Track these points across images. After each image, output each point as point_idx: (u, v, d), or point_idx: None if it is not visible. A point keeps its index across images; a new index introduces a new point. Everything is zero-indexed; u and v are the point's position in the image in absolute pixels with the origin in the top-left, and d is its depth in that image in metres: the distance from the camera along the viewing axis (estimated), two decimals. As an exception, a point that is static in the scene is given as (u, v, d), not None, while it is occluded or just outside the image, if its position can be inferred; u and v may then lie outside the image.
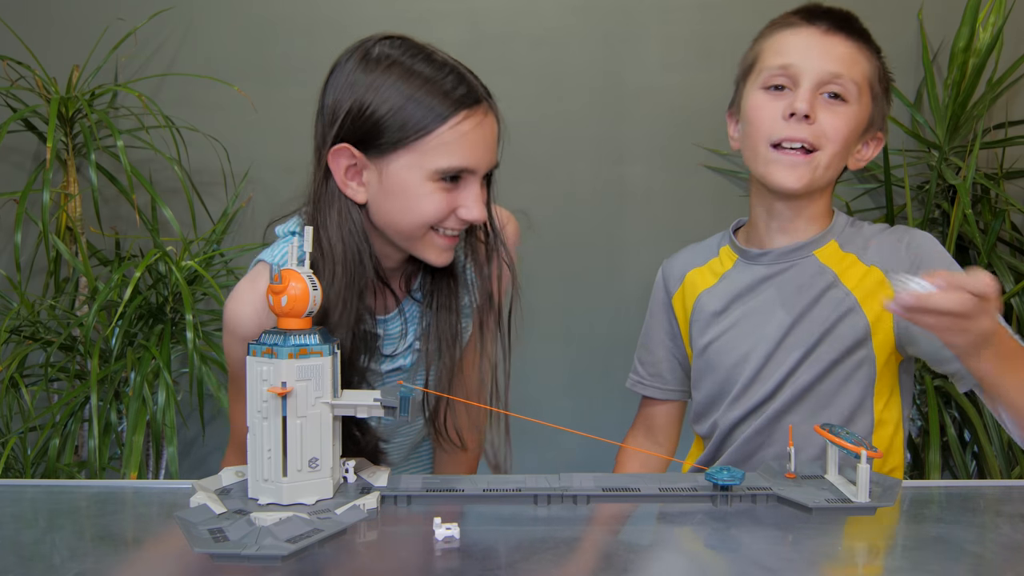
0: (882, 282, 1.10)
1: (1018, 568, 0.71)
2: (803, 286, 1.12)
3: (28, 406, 1.73)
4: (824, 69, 1.08)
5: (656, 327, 1.28)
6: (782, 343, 1.12)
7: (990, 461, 1.64)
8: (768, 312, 1.14)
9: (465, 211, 0.95)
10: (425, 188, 0.93)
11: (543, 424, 1.03)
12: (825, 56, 1.09)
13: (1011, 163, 1.92)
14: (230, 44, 1.99)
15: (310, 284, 0.82)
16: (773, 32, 1.15)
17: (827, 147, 1.08)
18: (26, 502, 0.90)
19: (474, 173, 0.95)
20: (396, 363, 1.05)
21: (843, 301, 1.10)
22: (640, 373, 1.30)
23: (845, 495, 0.85)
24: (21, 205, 1.74)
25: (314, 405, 0.81)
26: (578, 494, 0.86)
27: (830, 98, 1.09)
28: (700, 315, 1.20)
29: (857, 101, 1.10)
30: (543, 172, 1.96)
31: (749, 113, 1.13)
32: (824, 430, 0.90)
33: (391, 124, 0.91)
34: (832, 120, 1.08)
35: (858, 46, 1.11)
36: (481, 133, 0.94)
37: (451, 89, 0.92)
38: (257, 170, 1.99)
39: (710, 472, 0.87)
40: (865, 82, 1.11)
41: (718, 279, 1.20)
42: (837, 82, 1.08)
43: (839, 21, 1.11)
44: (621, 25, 1.96)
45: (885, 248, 1.12)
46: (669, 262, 1.29)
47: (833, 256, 1.13)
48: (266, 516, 0.77)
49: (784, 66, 1.10)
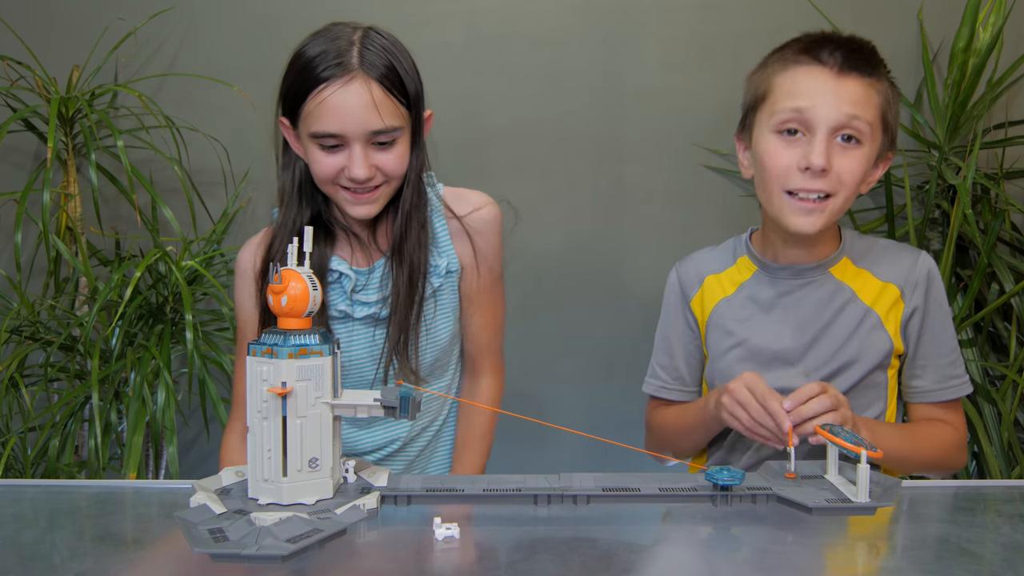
0: (898, 299, 1.15)
1: (1018, 568, 0.71)
2: (822, 302, 1.16)
3: (28, 406, 1.73)
4: (839, 113, 1.07)
5: (675, 331, 1.28)
6: (804, 358, 1.15)
7: (990, 461, 1.64)
8: (789, 326, 1.16)
9: (348, 170, 1.08)
10: (312, 152, 1.09)
11: (544, 424, 1.03)
12: (839, 99, 1.07)
13: (1011, 163, 1.92)
14: (230, 44, 1.99)
15: (310, 284, 0.82)
16: (785, 67, 1.12)
17: (842, 192, 1.09)
18: (26, 502, 0.90)
19: (344, 136, 1.06)
20: (370, 310, 1.16)
21: (865, 318, 1.14)
22: (662, 378, 1.29)
23: (845, 495, 0.85)
24: (21, 205, 1.74)
25: (314, 405, 0.81)
26: (578, 494, 0.86)
27: (844, 141, 1.08)
28: (719, 322, 1.21)
29: (870, 139, 1.09)
30: (543, 172, 1.96)
31: (763, 158, 1.12)
32: (824, 430, 0.90)
33: (288, 100, 1.10)
34: (848, 164, 1.08)
35: (870, 81, 1.09)
36: (342, 101, 1.04)
37: (319, 64, 1.05)
38: (257, 170, 1.99)
39: (710, 472, 0.87)
40: (878, 118, 1.10)
41: (736, 288, 1.21)
42: (852, 125, 1.07)
43: (851, 58, 1.08)
44: (621, 25, 1.96)
45: (902, 266, 1.16)
46: (684, 265, 1.28)
47: (847, 272, 1.17)
48: (266, 516, 0.77)
49: (797, 109, 1.08)
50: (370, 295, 1.17)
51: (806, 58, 1.10)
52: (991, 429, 1.70)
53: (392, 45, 1.09)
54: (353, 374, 1.18)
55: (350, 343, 1.17)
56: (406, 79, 1.09)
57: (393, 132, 1.08)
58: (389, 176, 1.10)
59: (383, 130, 1.07)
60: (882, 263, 1.17)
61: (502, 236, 1.23)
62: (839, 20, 1.87)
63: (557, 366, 2.01)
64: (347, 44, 1.06)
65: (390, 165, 1.09)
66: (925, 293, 1.16)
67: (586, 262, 1.99)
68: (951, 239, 1.69)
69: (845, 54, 1.08)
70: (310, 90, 1.05)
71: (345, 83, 1.04)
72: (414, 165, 1.14)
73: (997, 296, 1.80)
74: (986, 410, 1.71)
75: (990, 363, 1.77)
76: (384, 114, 1.06)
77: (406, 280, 1.14)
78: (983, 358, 1.79)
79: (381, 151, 1.09)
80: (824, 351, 1.15)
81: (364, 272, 1.18)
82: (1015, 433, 1.72)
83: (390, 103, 1.07)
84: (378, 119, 1.06)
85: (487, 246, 1.21)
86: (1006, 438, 1.69)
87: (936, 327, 1.17)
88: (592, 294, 2.01)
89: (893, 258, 1.18)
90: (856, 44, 1.10)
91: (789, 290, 1.18)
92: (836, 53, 1.08)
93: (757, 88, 1.15)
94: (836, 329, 1.15)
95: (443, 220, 1.20)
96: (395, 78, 1.07)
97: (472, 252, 1.19)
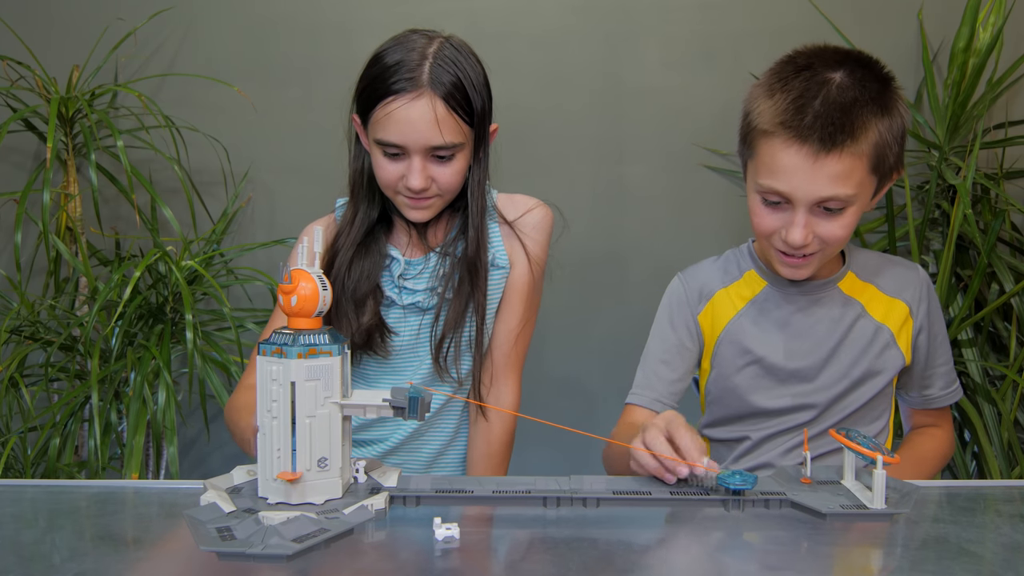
0: (908, 315, 1.18)
1: (1018, 568, 0.71)
2: (834, 318, 1.17)
3: (28, 406, 1.73)
4: (816, 195, 1.04)
5: (680, 344, 1.23)
6: (820, 375, 1.17)
7: (990, 461, 1.64)
8: (804, 343, 1.17)
9: (406, 179, 1.14)
10: (377, 156, 1.16)
11: (544, 423, 1.03)
12: (816, 182, 1.03)
13: (1011, 163, 1.92)
14: (230, 44, 1.99)
15: (320, 284, 0.83)
16: (767, 135, 1.06)
17: (828, 249, 1.10)
18: (26, 502, 0.90)
19: (406, 148, 1.12)
20: (416, 298, 1.21)
21: (877, 335, 1.17)
22: (658, 390, 1.22)
23: (861, 501, 0.85)
24: (21, 205, 1.74)
25: (323, 405, 0.81)
26: (588, 496, 0.86)
27: (826, 211, 1.06)
28: (734, 339, 1.20)
29: (857, 198, 1.06)
30: (543, 172, 1.96)
31: (751, 212, 1.12)
32: (840, 434, 0.90)
33: (360, 102, 1.16)
34: (830, 229, 1.07)
35: (853, 152, 1.03)
36: (406, 115, 1.10)
37: (392, 75, 1.10)
38: (257, 170, 1.99)
39: (722, 476, 0.87)
40: (868, 174, 1.06)
41: (746, 303, 1.21)
42: (834, 199, 1.04)
43: (831, 133, 1.02)
44: (621, 25, 1.96)
45: (906, 282, 1.19)
46: (688, 278, 1.25)
47: (855, 287, 1.19)
48: (274, 515, 0.78)
49: (775, 191, 1.06)
50: (418, 284, 1.21)
51: (784, 133, 1.04)
52: (991, 429, 1.70)
53: (464, 59, 1.14)
54: (396, 360, 1.22)
55: (395, 328, 1.21)
56: (472, 96, 1.13)
57: (452, 148, 1.13)
58: (443, 190, 1.16)
59: (442, 146, 1.12)
60: (885, 277, 1.20)
61: (549, 241, 1.28)
62: (839, 20, 1.87)
63: (557, 365, 2.01)
64: (419, 58, 1.11)
65: (445, 179, 1.15)
66: (928, 308, 1.20)
67: (585, 261, 1.99)
68: (951, 239, 1.69)
69: (828, 126, 1.01)
70: (380, 99, 1.11)
71: (412, 99, 1.10)
72: (477, 177, 1.19)
73: (997, 296, 1.80)
74: (986, 410, 1.71)
75: (990, 363, 1.77)
76: (445, 131, 1.11)
77: (466, 285, 1.19)
78: (983, 358, 1.79)
79: (439, 164, 1.14)
80: (839, 368, 1.16)
81: (415, 262, 1.22)
82: (1015, 433, 1.72)
83: (452, 121, 1.11)
84: (439, 136, 1.11)
85: (534, 246, 1.24)
86: (1006, 438, 1.69)
87: (939, 338, 1.22)
88: (592, 294, 2.01)
89: (895, 273, 1.21)
90: (840, 112, 1.02)
91: (803, 307, 1.18)
92: (817, 125, 1.02)
93: (747, 128, 1.11)
94: (849, 345, 1.16)
95: (496, 225, 1.24)
96: (461, 96, 1.12)
97: (520, 252, 1.23)
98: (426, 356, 1.21)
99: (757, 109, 1.08)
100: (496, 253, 1.22)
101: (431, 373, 1.21)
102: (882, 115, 1.05)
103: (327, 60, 1.95)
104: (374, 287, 1.20)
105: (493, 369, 1.24)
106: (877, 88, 1.05)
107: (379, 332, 1.20)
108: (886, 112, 1.05)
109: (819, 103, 1.02)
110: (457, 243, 1.22)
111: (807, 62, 1.07)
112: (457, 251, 1.21)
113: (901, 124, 1.07)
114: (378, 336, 1.19)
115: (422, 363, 1.21)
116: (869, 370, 1.16)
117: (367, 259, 1.20)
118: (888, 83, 1.07)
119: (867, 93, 1.04)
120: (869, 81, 1.05)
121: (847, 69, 1.05)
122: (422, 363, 1.21)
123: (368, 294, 1.19)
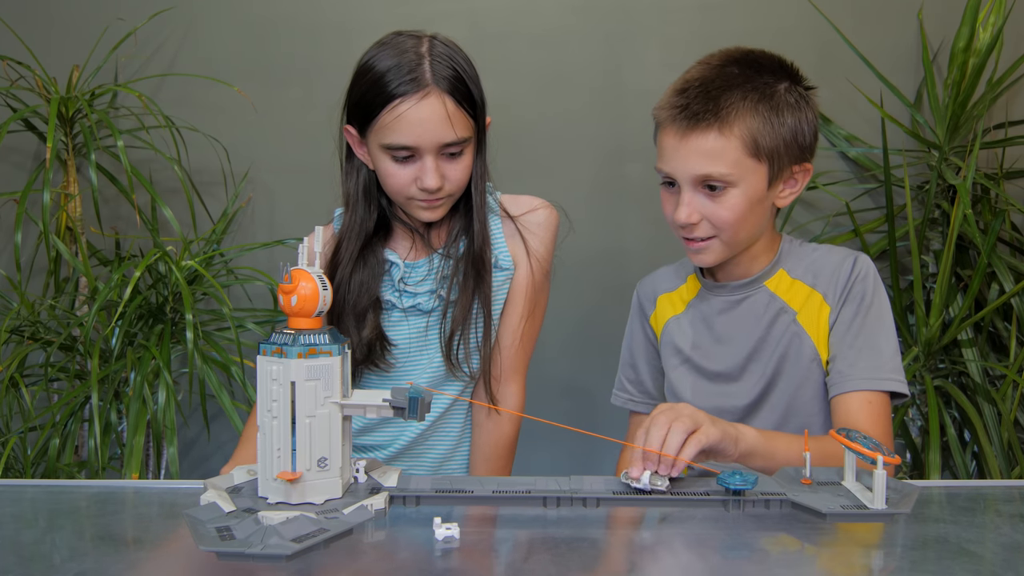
0: (822, 303, 1.14)
1: (1018, 568, 0.71)
2: (756, 317, 1.17)
3: (28, 406, 1.73)
4: (690, 171, 1.08)
5: (638, 347, 1.32)
6: (744, 372, 1.17)
7: (990, 461, 1.64)
8: (728, 345, 1.18)
9: (420, 180, 1.12)
10: (384, 162, 1.14)
11: (548, 424, 1.03)
12: (688, 160, 1.07)
13: (1011, 163, 1.92)
14: (230, 44, 1.99)
15: (320, 284, 0.83)
16: (659, 127, 1.13)
17: (722, 232, 1.11)
18: (26, 502, 0.90)
19: (418, 149, 1.11)
20: (416, 300, 1.20)
21: (796, 332, 1.14)
22: (629, 391, 1.33)
23: (861, 501, 0.85)
24: (21, 205, 1.74)
25: (323, 405, 0.81)
26: (588, 496, 0.86)
27: (710, 190, 1.08)
28: (669, 340, 1.25)
29: (741, 179, 1.07)
30: (543, 172, 1.96)
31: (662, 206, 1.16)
32: (840, 435, 0.89)
33: (358, 112, 1.13)
34: (716, 211, 1.09)
35: (720, 131, 1.05)
36: (417, 115, 1.09)
37: (393, 79, 1.09)
38: (257, 170, 1.99)
39: (722, 476, 0.87)
40: (745, 156, 1.07)
41: (685, 306, 1.25)
42: (710, 177, 1.07)
43: (696, 112, 1.06)
44: (621, 25, 1.96)
45: (827, 269, 1.15)
46: (643, 284, 1.32)
47: (782, 284, 1.17)
48: (273, 515, 0.78)
49: (661, 170, 1.12)
50: (420, 287, 1.21)
51: (665, 117, 1.10)
52: (991, 429, 1.70)
53: (456, 53, 1.13)
54: (402, 360, 1.21)
55: (397, 332, 1.21)
56: (472, 88, 1.13)
57: (462, 143, 1.13)
58: (454, 186, 1.15)
59: (455, 142, 1.12)
60: (813, 270, 1.16)
61: (555, 242, 1.27)
62: (839, 21, 1.87)
63: (557, 365, 2.01)
64: (416, 57, 1.10)
65: (456, 175, 1.15)
66: (847, 291, 1.12)
67: (585, 261, 1.99)
68: (951, 239, 1.69)
69: (695, 104, 1.07)
70: (384, 104, 1.09)
71: (420, 99, 1.09)
72: (479, 171, 1.19)
73: (997, 296, 1.80)
74: (986, 410, 1.71)
75: (990, 363, 1.77)
76: (456, 127, 1.11)
77: (472, 281, 1.18)
78: (983, 358, 1.79)
79: (450, 161, 1.14)
80: (758, 367, 1.16)
81: (417, 265, 1.22)
82: (1015, 433, 1.72)
83: (461, 116, 1.12)
84: (451, 132, 1.11)
85: (539, 245, 1.24)
86: (1006, 438, 1.69)
87: (859, 320, 1.11)
88: (592, 294, 2.01)
89: (824, 263, 1.15)
90: (710, 86, 1.07)
91: (727, 307, 1.19)
92: (685, 105, 1.07)
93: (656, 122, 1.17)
94: (768, 344, 1.15)
95: (499, 222, 1.23)
96: (464, 89, 1.12)
97: (523, 251, 1.23)
98: (432, 357, 1.20)
99: (657, 106, 1.14)
100: (499, 254, 1.22)
101: (439, 374, 1.21)
102: (760, 103, 1.07)
103: (327, 60, 1.95)
104: (374, 299, 1.20)
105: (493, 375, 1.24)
106: (766, 81, 1.08)
107: (379, 344, 1.19)
108: (767, 102, 1.07)
109: (694, 89, 1.08)
110: (459, 242, 1.22)
111: (711, 59, 1.12)
112: (459, 250, 1.21)
113: (796, 122, 1.08)
114: (379, 348, 1.19)
115: (429, 364, 1.21)
116: (786, 370, 1.14)
117: (366, 270, 1.20)
118: (789, 82, 1.10)
119: (749, 83, 1.07)
120: (759, 75, 1.08)
121: (743, 64, 1.09)
122: (429, 364, 1.21)
123: (368, 307, 1.19)
